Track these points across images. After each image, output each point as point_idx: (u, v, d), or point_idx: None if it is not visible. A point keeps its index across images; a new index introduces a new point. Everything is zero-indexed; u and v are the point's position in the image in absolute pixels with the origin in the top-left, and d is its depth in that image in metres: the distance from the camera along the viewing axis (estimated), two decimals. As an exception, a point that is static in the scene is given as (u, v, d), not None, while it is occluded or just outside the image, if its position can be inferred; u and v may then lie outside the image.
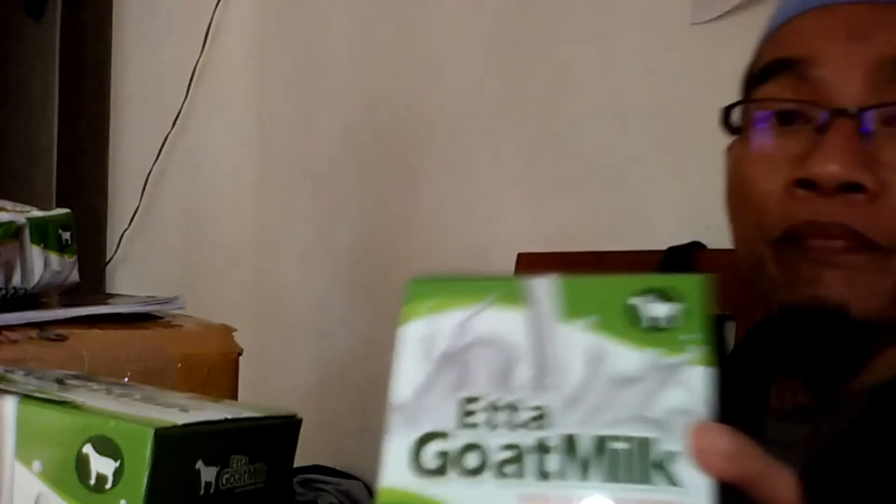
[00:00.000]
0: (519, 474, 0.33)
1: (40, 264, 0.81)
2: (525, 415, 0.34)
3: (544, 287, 0.36)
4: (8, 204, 0.84)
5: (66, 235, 0.85)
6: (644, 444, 0.32)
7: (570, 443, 0.33)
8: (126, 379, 0.73)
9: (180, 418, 0.42)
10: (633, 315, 0.34)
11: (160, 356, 0.78)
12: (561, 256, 1.18)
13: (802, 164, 0.54)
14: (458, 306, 0.36)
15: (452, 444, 0.34)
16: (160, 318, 0.87)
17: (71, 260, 0.85)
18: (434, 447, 0.34)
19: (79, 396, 0.45)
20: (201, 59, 1.64)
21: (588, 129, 1.21)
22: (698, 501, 0.31)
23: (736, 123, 0.60)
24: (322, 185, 1.54)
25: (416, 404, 0.35)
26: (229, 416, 0.45)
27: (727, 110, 0.60)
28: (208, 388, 0.78)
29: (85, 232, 1.09)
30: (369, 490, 1.41)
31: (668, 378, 0.33)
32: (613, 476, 0.32)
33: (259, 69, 1.63)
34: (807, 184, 0.54)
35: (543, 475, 0.32)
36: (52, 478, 0.42)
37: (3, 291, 0.78)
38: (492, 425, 0.34)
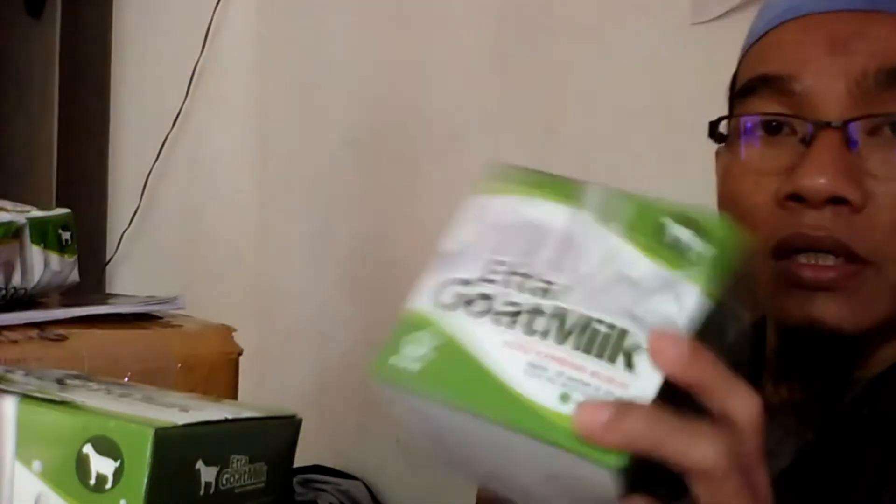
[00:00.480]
0: (511, 325, 0.38)
1: (40, 264, 0.81)
2: (535, 284, 0.39)
3: (596, 191, 0.42)
4: (8, 204, 0.84)
5: (66, 235, 0.85)
6: (621, 332, 0.37)
7: (558, 313, 0.38)
8: (126, 379, 0.73)
9: (180, 418, 0.42)
10: (659, 231, 0.39)
11: (160, 356, 0.77)
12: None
13: (790, 176, 0.55)
14: (520, 193, 0.43)
15: (470, 290, 0.40)
16: (160, 318, 0.87)
17: (71, 260, 0.85)
18: (455, 289, 0.40)
19: (79, 396, 0.45)
20: (201, 59, 1.64)
21: (588, 128, 1.21)
22: (643, 389, 0.36)
23: (724, 132, 0.61)
24: (322, 185, 1.54)
25: (456, 254, 0.42)
26: (229, 416, 0.46)
27: (714, 124, 0.61)
28: (208, 388, 0.78)
29: (85, 232, 1.09)
30: (369, 490, 1.41)
31: (664, 287, 0.38)
32: (584, 347, 0.37)
33: (259, 69, 1.63)
34: (795, 197, 0.54)
35: (529, 331, 0.38)
36: (52, 478, 0.42)
37: (3, 291, 0.78)
38: (505, 284, 0.40)
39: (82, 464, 0.41)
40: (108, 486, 0.40)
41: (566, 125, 1.24)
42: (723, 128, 0.61)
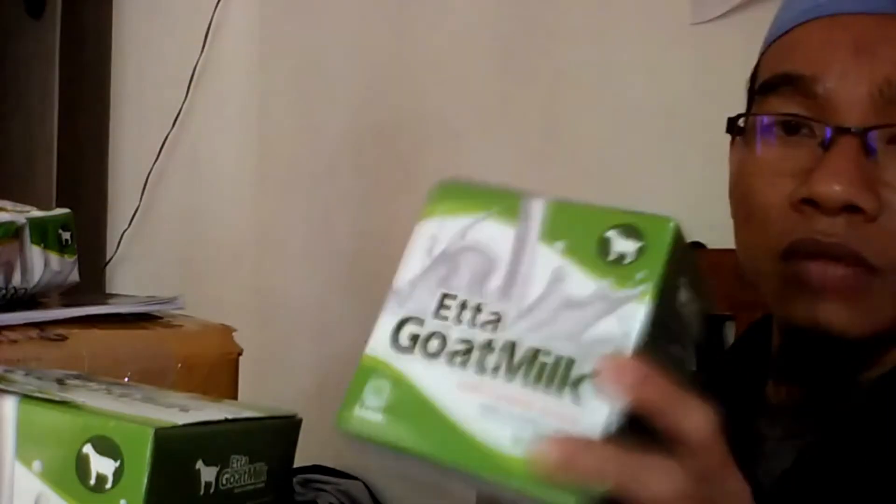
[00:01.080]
0: (463, 365, 0.39)
1: (40, 264, 0.81)
2: (485, 316, 0.39)
3: (539, 207, 0.41)
4: (8, 204, 0.84)
5: (66, 235, 0.85)
6: (567, 362, 0.37)
7: (510, 348, 0.38)
8: (126, 379, 0.73)
9: (180, 418, 0.42)
10: (603, 247, 0.39)
11: (160, 356, 0.77)
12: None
13: (805, 180, 0.54)
14: (466, 213, 0.42)
15: (424, 330, 0.40)
16: (160, 318, 0.87)
17: (71, 260, 0.85)
18: (410, 329, 0.40)
19: (79, 396, 0.45)
20: (201, 59, 1.64)
21: (588, 129, 1.21)
22: (593, 422, 0.36)
23: (741, 125, 0.60)
24: (322, 185, 1.54)
25: (408, 291, 0.42)
26: (229, 416, 0.46)
27: (733, 120, 0.60)
28: (208, 388, 0.78)
29: (85, 232, 1.09)
30: (369, 490, 1.41)
31: (609, 309, 0.38)
32: (532, 382, 0.37)
33: (259, 69, 1.63)
34: (809, 202, 0.54)
35: (481, 369, 0.38)
36: (52, 478, 0.42)
37: (3, 291, 0.78)
38: (457, 320, 0.40)
39: (82, 464, 0.41)
40: (108, 486, 0.40)
41: (565, 125, 1.24)
42: (741, 121, 0.60)
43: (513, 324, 0.39)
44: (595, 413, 0.36)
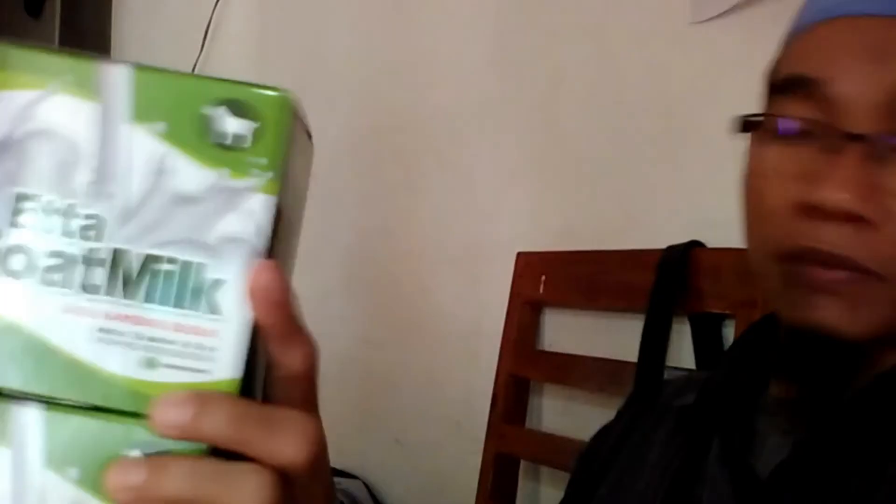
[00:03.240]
0: (64, 284, 0.32)
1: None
2: (79, 222, 0.32)
3: (120, 78, 0.33)
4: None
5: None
6: (192, 268, 0.32)
7: (118, 258, 0.32)
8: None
9: None
10: (204, 126, 0.33)
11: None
12: (560, 256, 1.18)
13: (810, 185, 0.54)
14: (25, 86, 0.33)
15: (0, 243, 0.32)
16: (160, 317, 0.87)
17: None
18: None
19: None
20: (201, 58, 1.64)
21: (588, 128, 1.21)
22: (234, 331, 0.32)
23: (754, 121, 0.60)
24: (322, 183, 1.54)
25: None
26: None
27: (747, 118, 0.60)
28: (208, 387, 0.78)
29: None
30: (369, 490, 1.42)
31: (228, 202, 0.32)
32: (156, 297, 0.32)
33: (259, 69, 1.63)
34: (814, 208, 0.54)
35: (87, 288, 0.32)
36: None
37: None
38: (43, 229, 0.32)
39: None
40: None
41: (565, 124, 1.24)
42: (754, 118, 0.60)
43: (116, 229, 0.32)
44: (236, 320, 0.32)
